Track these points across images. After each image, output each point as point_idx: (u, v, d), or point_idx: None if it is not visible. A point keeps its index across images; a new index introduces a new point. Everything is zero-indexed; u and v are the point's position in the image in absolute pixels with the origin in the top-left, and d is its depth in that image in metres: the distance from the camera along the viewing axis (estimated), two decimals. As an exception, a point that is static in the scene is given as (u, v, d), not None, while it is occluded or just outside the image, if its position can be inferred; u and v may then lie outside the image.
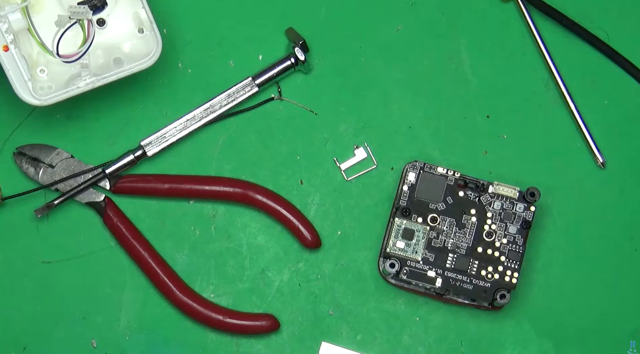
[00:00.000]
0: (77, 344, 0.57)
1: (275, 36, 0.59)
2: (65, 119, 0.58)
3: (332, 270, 0.58)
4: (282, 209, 0.57)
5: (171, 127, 0.58)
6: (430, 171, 0.57)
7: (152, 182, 0.57)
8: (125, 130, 0.58)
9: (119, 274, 0.58)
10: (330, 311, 0.58)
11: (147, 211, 0.58)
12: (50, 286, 0.58)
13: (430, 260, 0.56)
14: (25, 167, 0.57)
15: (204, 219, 0.58)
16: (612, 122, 0.59)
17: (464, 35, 0.59)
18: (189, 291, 0.57)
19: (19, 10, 0.53)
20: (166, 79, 0.59)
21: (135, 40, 0.55)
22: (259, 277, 0.58)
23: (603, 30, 0.60)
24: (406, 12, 0.60)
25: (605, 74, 0.60)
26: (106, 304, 0.58)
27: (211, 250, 0.58)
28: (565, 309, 0.58)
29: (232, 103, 0.58)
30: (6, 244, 0.58)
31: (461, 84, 0.59)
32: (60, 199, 0.57)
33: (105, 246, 0.58)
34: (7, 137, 0.58)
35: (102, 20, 0.55)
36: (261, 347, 0.57)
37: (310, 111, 0.59)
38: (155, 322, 0.58)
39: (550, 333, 0.58)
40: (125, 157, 0.57)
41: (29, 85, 0.53)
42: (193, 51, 0.59)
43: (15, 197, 0.57)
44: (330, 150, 0.59)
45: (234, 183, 0.58)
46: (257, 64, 0.59)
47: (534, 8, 0.59)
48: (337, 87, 0.59)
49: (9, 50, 0.52)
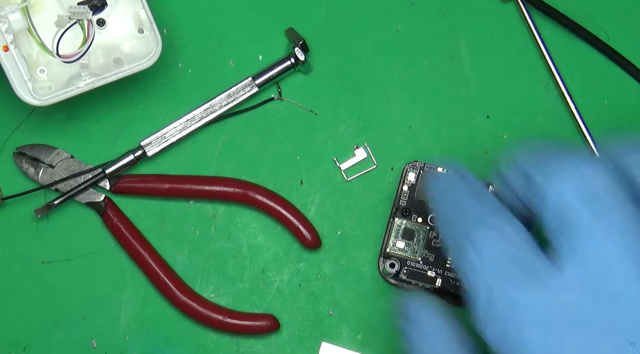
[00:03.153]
0: (77, 344, 0.57)
1: (275, 36, 0.59)
2: (65, 119, 0.58)
3: (332, 270, 0.58)
4: (282, 209, 0.57)
5: (171, 127, 0.58)
6: (430, 171, 0.57)
7: (152, 182, 0.57)
8: (125, 130, 0.58)
9: (119, 274, 0.58)
10: (330, 311, 0.58)
11: (147, 211, 0.58)
12: (50, 286, 0.58)
13: (430, 260, 0.56)
14: (25, 167, 0.57)
15: (204, 219, 0.58)
16: (612, 123, 0.59)
17: (464, 35, 0.59)
18: (189, 291, 0.57)
19: (19, 10, 0.53)
20: (166, 79, 0.59)
21: (135, 40, 0.55)
22: (259, 277, 0.58)
23: (603, 31, 0.59)
24: (406, 12, 0.60)
25: (605, 74, 0.60)
26: (106, 304, 0.58)
27: (211, 250, 0.58)
28: (565, 309, 0.58)
29: (232, 103, 0.58)
30: (6, 244, 0.58)
31: (461, 84, 0.59)
32: (60, 199, 0.57)
33: (105, 246, 0.58)
34: (7, 137, 0.58)
35: (102, 20, 0.55)
36: (261, 347, 0.58)
37: (310, 111, 0.59)
38: (155, 322, 0.58)
39: (550, 333, 0.58)
40: (125, 158, 0.57)
41: (29, 86, 0.53)
42: (193, 51, 0.59)
43: (15, 197, 0.57)
44: (330, 150, 0.59)
45: (234, 183, 0.58)
46: (257, 64, 0.59)
47: (534, 8, 0.59)
48: (337, 87, 0.59)
49: (8, 51, 0.52)
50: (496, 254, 0.39)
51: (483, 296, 0.38)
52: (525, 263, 0.38)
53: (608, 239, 0.37)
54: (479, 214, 0.40)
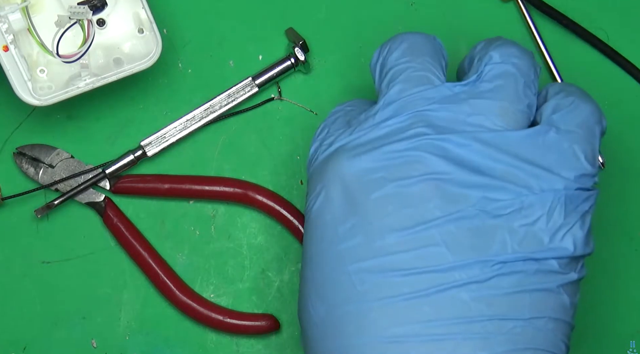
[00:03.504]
0: (77, 344, 0.57)
1: (275, 36, 0.59)
2: (65, 119, 0.58)
3: (332, 270, 0.58)
4: (282, 209, 0.57)
5: (171, 127, 0.58)
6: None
7: (152, 182, 0.57)
8: (125, 130, 0.58)
9: (119, 274, 0.58)
10: (330, 311, 0.58)
11: (147, 211, 0.58)
12: (50, 286, 0.58)
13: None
14: (25, 167, 0.57)
15: (204, 219, 0.58)
16: (612, 123, 0.59)
17: (464, 35, 0.59)
18: (189, 291, 0.57)
19: (19, 10, 0.53)
20: (166, 79, 0.59)
21: (135, 40, 0.55)
22: (259, 277, 0.58)
23: (603, 31, 0.59)
24: (406, 12, 0.60)
25: (605, 74, 0.60)
26: (106, 304, 0.58)
27: (211, 250, 0.58)
28: (565, 309, 0.58)
29: (232, 103, 0.58)
30: (6, 244, 0.58)
31: (461, 84, 0.59)
32: (60, 199, 0.57)
33: (105, 246, 0.58)
34: (7, 137, 0.58)
35: (102, 20, 0.55)
36: (261, 347, 0.58)
37: (310, 111, 0.59)
38: (155, 322, 0.58)
39: (550, 333, 0.58)
40: (125, 158, 0.57)
41: (29, 86, 0.53)
42: (193, 51, 0.59)
43: (15, 197, 0.57)
44: (330, 150, 0.59)
45: (234, 183, 0.58)
46: (257, 64, 0.59)
47: (534, 8, 0.59)
48: (337, 87, 0.59)
49: (9, 51, 0.52)
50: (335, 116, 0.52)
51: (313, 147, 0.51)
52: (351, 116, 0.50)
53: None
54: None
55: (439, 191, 0.45)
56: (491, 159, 0.45)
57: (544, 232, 0.44)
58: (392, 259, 0.44)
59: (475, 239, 0.44)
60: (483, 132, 0.46)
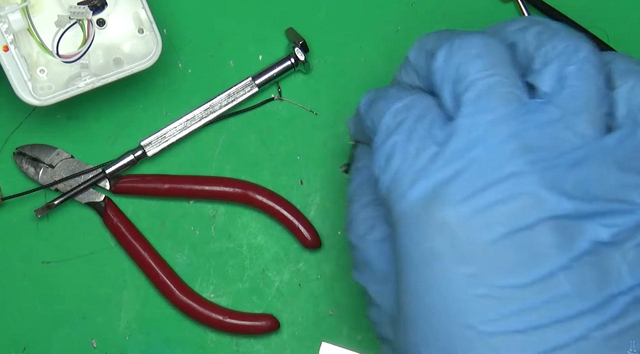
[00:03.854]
0: (77, 344, 0.57)
1: (275, 36, 0.59)
2: (65, 119, 0.58)
3: (332, 270, 0.58)
4: (282, 209, 0.57)
5: (171, 127, 0.58)
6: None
7: (152, 182, 0.57)
8: (125, 130, 0.58)
9: (119, 274, 0.58)
10: (330, 311, 0.58)
11: (147, 211, 0.58)
12: (50, 286, 0.58)
13: (431, 260, 0.56)
14: (25, 167, 0.57)
15: (204, 219, 0.58)
16: (612, 123, 0.59)
17: (464, 35, 0.59)
18: (189, 291, 0.57)
19: (19, 10, 0.53)
20: (166, 79, 0.59)
21: (135, 40, 0.55)
22: (259, 277, 0.58)
23: (603, 31, 0.59)
24: (406, 12, 0.60)
25: (605, 74, 0.60)
26: (106, 304, 0.58)
27: (211, 250, 0.58)
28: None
29: (232, 103, 0.58)
30: (6, 244, 0.58)
31: (461, 84, 0.59)
32: (60, 199, 0.57)
33: (105, 246, 0.58)
34: (7, 137, 0.58)
35: (102, 20, 0.55)
36: (261, 347, 0.58)
37: (310, 111, 0.59)
38: (155, 322, 0.58)
39: (550, 333, 0.58)
40: (125, 158, 0.57)
41: (29, 86, 0.53)
42: (193, 51, 0.59)
43: (15, 197, 0.57)
44: (330, 150, 0.59)
45: (234, 183, 0.58)
46: (257, 64, 0.59)
47: (534, 8, 0.59)
48: (337, 87, 0.59)
49: (9, 51, 0.52)
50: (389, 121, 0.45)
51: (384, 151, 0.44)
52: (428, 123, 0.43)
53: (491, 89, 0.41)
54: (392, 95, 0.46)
55: (556, 229, 0.40)
56: (598, 179, 0.40)
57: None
58: (520, 313, 0.40)
59: (596, 273, 0.40)
60: (581, 149, 0.41)
